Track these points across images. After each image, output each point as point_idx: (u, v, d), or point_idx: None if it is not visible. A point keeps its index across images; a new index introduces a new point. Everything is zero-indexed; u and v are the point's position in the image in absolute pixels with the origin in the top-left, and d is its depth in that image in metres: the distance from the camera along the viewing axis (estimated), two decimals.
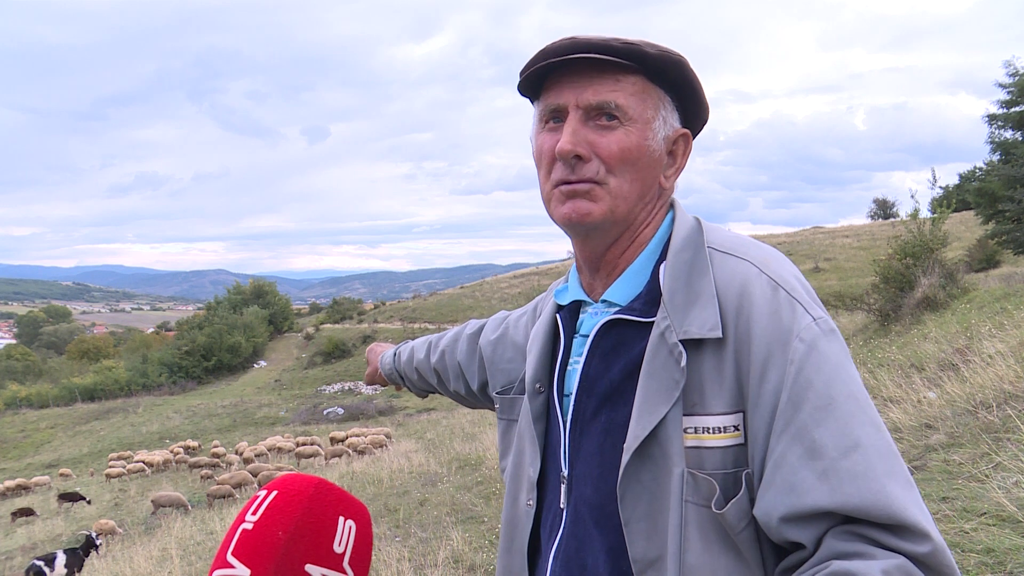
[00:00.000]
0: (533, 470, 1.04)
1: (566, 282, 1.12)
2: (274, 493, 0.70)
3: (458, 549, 5.03)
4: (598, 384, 0.96)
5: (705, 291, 0.89)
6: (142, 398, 47.98)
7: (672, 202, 1.04)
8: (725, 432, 0.86)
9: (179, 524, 12.18)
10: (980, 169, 26.78)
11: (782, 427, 0.82)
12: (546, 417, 1.05)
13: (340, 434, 21.75)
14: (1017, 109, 19.84)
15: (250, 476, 16.60)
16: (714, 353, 0.87)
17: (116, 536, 13.13)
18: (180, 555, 8.41)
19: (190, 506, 15.46)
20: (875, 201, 61.14)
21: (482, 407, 1.48)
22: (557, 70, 0.96)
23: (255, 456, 20.80)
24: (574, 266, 1.10)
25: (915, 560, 0.75)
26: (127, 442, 32.88)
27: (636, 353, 0.92)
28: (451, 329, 1.53)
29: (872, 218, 59.65)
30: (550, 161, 0.97)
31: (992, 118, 20.53)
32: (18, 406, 48.29)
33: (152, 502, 15.77)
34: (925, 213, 12.61)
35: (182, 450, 25.75)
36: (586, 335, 1.00)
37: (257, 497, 0.71)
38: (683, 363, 0.86)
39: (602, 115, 0.93)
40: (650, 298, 0.95)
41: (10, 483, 23.02)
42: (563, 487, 0.98)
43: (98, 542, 11.86)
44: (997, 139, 20.61)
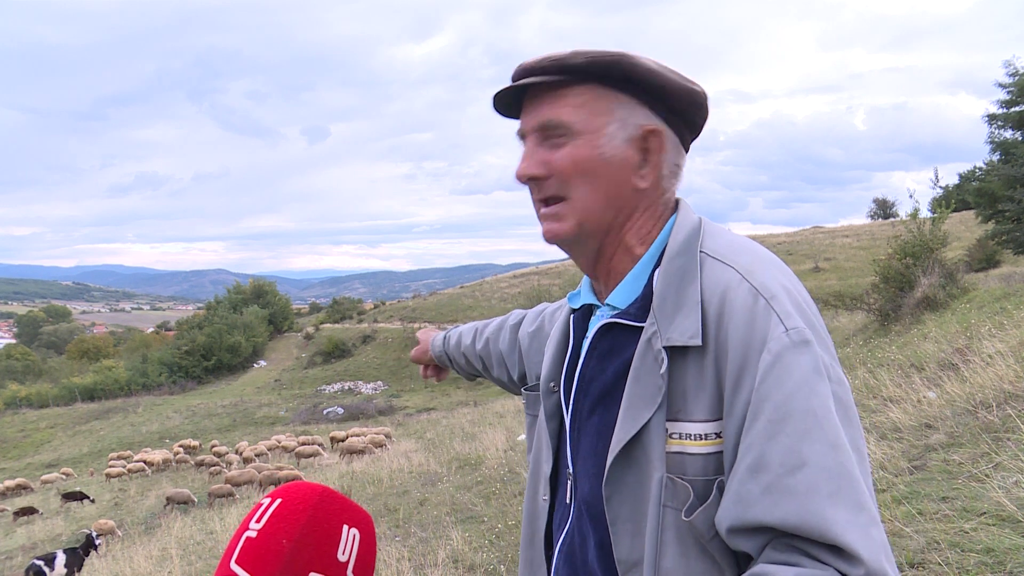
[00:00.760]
0: (547, 466, 1.08)
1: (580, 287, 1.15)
2: (278, 501, 0.70)
3: (458, 549, 5.03)
4: (593, 385, 0.98)
5: (691, 298, 0.90)
6: (142, 398, 47.98)
7: (678, 203, 1.03)
8: (707, 439, 0.86)
9: (179, 524, 12.18)
10: (980, 169, 26.80)
11: (743, 438, 0.82)
12: (558, 416, 1.08)
13: (340, 434, 21.74)
14: (1017, 109, 19.85)
15: (256, 474, 16.63)
16: (696, 361, 0.88)
17: (116, 536, 13.13)
18: (180, 555, 8.41)
19: (196, 500, 15.64)
20: (875, 201, 61.22)
21: None
22: (525, 94, 1.01)
23: (255, 456, 20.80)
24: None
25: None
26: (127, 442, 32.87)
27: (628, 356, 0.94)
28: (497, 318, 1.56)
29: (872, 218, 59.68)
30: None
31: (992, 118, 20.55)
32: (18, 406, 48.29)
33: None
34: (925, 213, 12.63)
35: (182, 450, 25.77)
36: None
37: (261, 505, 0.71)
38: (663, 370, 0.87)
39: (549, 133, 0.97)
40: (645, 303, 0.96)
41: (10, 483, 23.04)
42: (569, 483, 1.02)
43: (98, 541, 11.87)
44: (997, 139, 20.63)
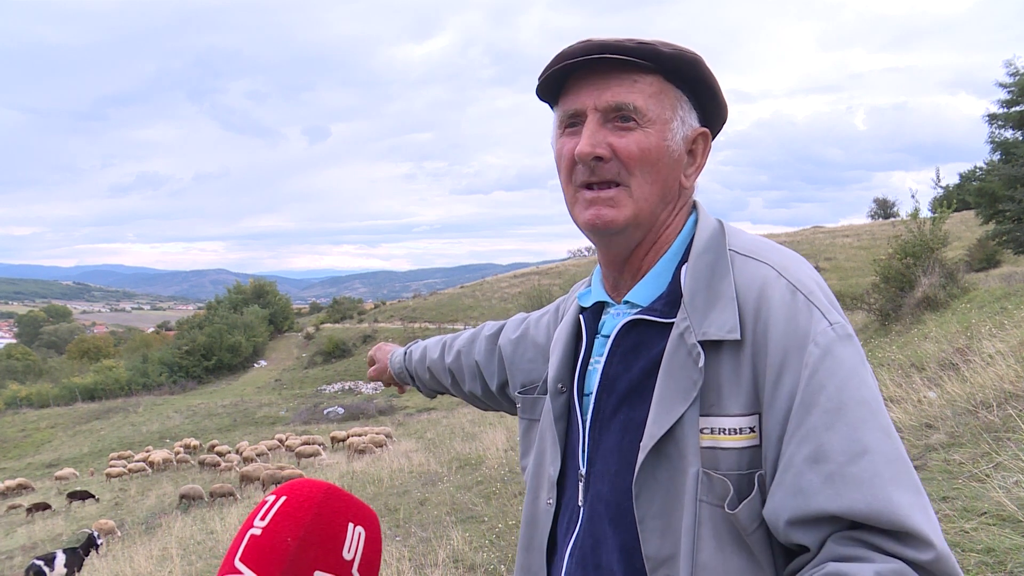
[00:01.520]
0: (554, 469, 1.05)
1: (588, 285, 1.13)
2: (283, 499, 0.69)
3: (458, 549, 5.03)
4: (618, 383, 0.97)
5: (725, 293, 0.90)
6: (142, 398, 47.98)
7: (695, 204, 1.04)
8: (741, 434, 0.86)
9: (179, 524, 12.18)
10: (980, 169, 26.76)
11: (793, 430, 0.82)
12: (567, 417, 1.06)
13: (340, 433, 21.73)
14: (1017, 109, 19.82)
15: (263, 469, 16.67)
16: (732, 355, 0.88)
17: (116, 536, 13.12)
18: (180, 555, 8.40)
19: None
20: (875, 201, 61.18)
21: (496, 408, 1.48)
22: (574, 74, 0.97)
23: (256, 456, 20.80)
24: (597, 268, 1.11)
25: (917, 566, 0.75)
26: (127, 442, 32.86)
27: (656, 353, 0.93)
28: (465, 331, 1.53)
29: (872, 218, 59.63)
30: (570, 164, 0.97)
31: (992, 118, 20.52)
32: (18, 406, 48.29)
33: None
34: (925, 213, 12.62)
35: (183, 449, 25.76)
36: (607, 335, 1.01)
37: (265, 502, 0.70)
38: (701, 364, 0.87)
39: (620, 117, 0.94)
40: (671, 299, 0.95)
41: (11, 482, 23.04)
42: (581, 485, 0.99)
43: (99, 541, 11.86)
44: (997, 139, 20.59)
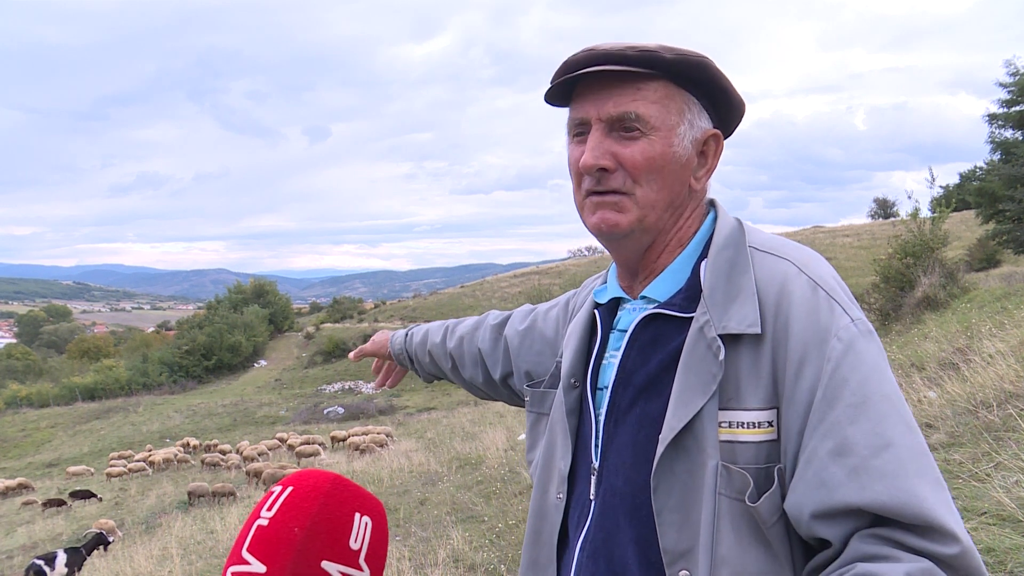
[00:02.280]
0: (564, 463, 1.04)
1: (604, 282, 1.13)
2: (289, 489, 0.70)
3: (458, 548, 5.03)
4: (635, 377, 0.97)
5: (746, 288, 0.91)
6: (142, 397, 47.93)
7: (713, 202, 1.05)
8: (759, 427, 0.87)
9: (179, 523, 12.18)
10: (980, 169, 26.76)
11: (816, 424, 0.83)
12: (579, 411, 1.06)
13: (341, 433, 21.73)
14: (1017, 108, 19.83)
15: (274, 471, 16.66)
16: (751, 349, 0.88)
17: (116, 535, 13.12)
18: (180, 554, 8.41)
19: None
20: (875, 200, 61.16)
21: (495, 398, 1.47)
22: (581, 81, 0.97)
23: (258, 455, 20.82)
24: (613, 265, 1.11)
25: (942, 562, 0.75)
26: (127, 441, 32.85)
27: (674, 347, 0.93)
28: (469, 317, 1.52)
29: (872, 217, 59.60)
30: (579, 173, 0.98)
31: (992, 117, 20.52)
32: (18, 405, 48.26)
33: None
34: (925, 213, 12.62)
35: (181, 449, 25.75)
36: (623, 330, 1.01)
37: (272, 493, 0.70)
38: (721, 357, 0.87)
39: (624, 126, 0.94)
40: (690, 294, 0.96)
41: (11, 482, 23.04)
42: (593, 479, 0.99)
43: (111, 539, 11.85)
44: (997, 138, 20.59)
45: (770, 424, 0.86)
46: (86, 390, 49.85)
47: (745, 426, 0.87)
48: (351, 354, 1.73)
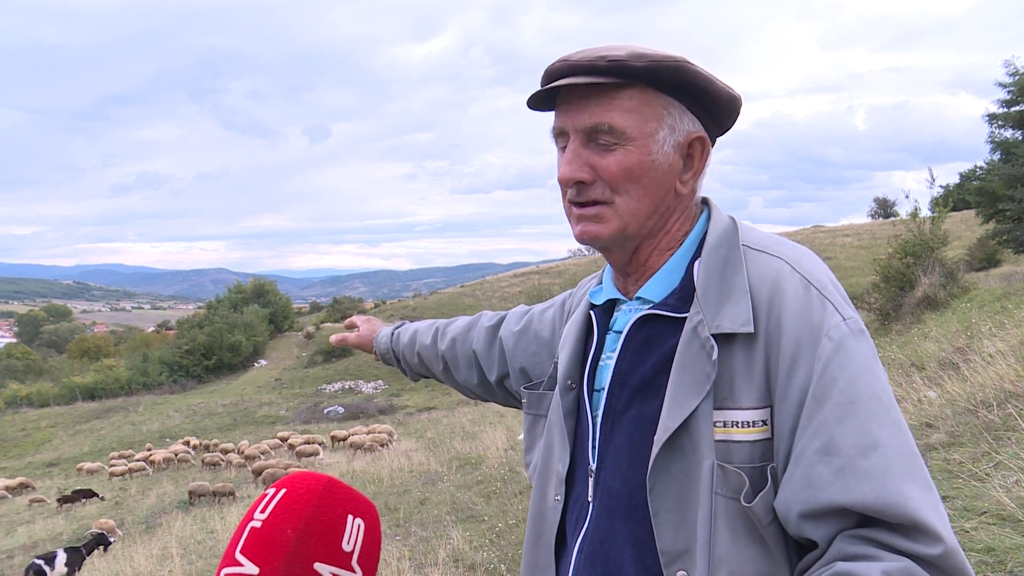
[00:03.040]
0: (562, 465, 1.04)
1: (599, 283, 1.13)
2: (283, 491, 0.70)
3: (458, 548, 5.03)
4: (631, 378, 0.97)
5: (738, 287, 0.90)
6: (142, 397, 47.93)
7: (707, 201, 1.04)
8: (753, 427, 0.87)
9: (179, 523, 12.19)
10: (980, 168, 26.76)
11: (806, 423, 0.83)
12: (576, 413, 1.06)
13: (341, 433, 21.75)
14: (1017, 108, 19.83)
15: (275, 470, 16.65)
16: (745, 348, 0.88)
17: (117, 535, 13.13)
18: (180, 554, 8.41)
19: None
20: (876, 200, 61.15)
21: (489, 399, 1.46)
22: (561, 90, 0.97)
23: (260, 454, 20.85)
24: (608, 267, 1.10)
25: (925, 562, 0.75)
26: (127, 441, 32.85)
27: (669, 348, 0.93)
28: (459, 318, 1.51)
29: (872, 217, 59.59)
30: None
31: (992, 117, 20.53)
32: (19, 405, 48.26)
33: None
34: (925, 212, 12.62)
35: (185, 446, 25.77)
36: (619, 332, 1.01)
37: (266, 495, 0.71)
38: (714, 356, 0.87)
39: (600, 136, 0.94)
40: (684, 294, 0.96)
41: (11, 482, 23.05)
42: (591, 480, 0.99)
43: (111, 539, 11.85)
44: (997, 138, 20.60)
45: (764, 423, 0.87)
46: (86, 390, 49.85)
47: (740, 425, 0.87)
48: (332, 337, 1.69)
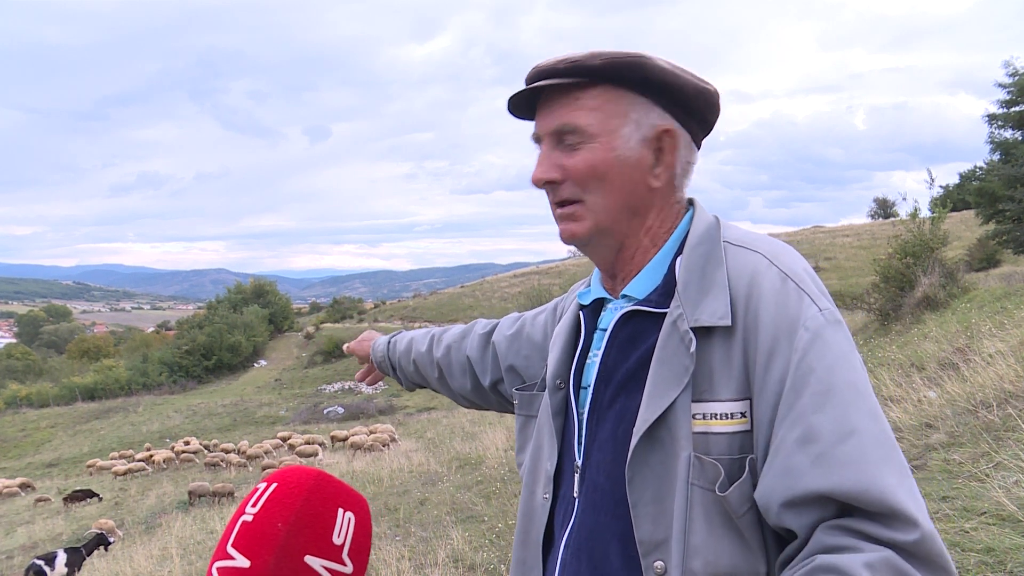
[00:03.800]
0: (551, 464, 1.06)
1: (588, 285, 1.15)
2: (274, 485, 0.71)
3: (458, 548, 5.03)
4: (615, 374, 0.98)
5: (718, 282, 0.92)
6: (142, 397, 48.01)
7: (692, 201, 1.06)
8: (732, 418, 0.88)
9: (179, 523, 12.20)
10: (980, 169, 26.79)
11: (784, 413, 0.84)
12: (564, 412, 1.07)
13: (341, 433, 21.76)
14: (1017, 109, 19.86)
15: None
16: (723, 341, 0.89)
17: (116, 535, 13.13)
18: (180, 554, 8.42)
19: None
20: (875, 200, 61.19)
21: (484, 406, 1.47)
22: (538, 97, 1.01)
23: (263, 453, 20.88)
24: (596, 269, 1.12)
25: (903, 549, 0.76)
26: (127, 441, 32.89)
27: (651, 343, 0.95)
28: (454, 326, 1.53)
29: (872, 217, 59.64)
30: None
31: (992, 118, 20.56)
32: (18, 405, 48.33)
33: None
34: (924, 212, 12.63)
35: (186, 446, 25.78)
36: (605, 329, 1.03)
37: (257, 489, 0.71)
38: (692, 349, 0.89)
39: (566, 137, 0.98)
40: (666, 290, 0.97)
41: (11, 482, 23.07)
42: (576, 477, 1.01)
43: (111, 540, 11.85)
44: (997, 139, 20.63)
45: (743, 415, 0.88)
46: (86, 390, 49.91)
47: (718, 417, 0.88)
48: (345, 346, 1.81)
